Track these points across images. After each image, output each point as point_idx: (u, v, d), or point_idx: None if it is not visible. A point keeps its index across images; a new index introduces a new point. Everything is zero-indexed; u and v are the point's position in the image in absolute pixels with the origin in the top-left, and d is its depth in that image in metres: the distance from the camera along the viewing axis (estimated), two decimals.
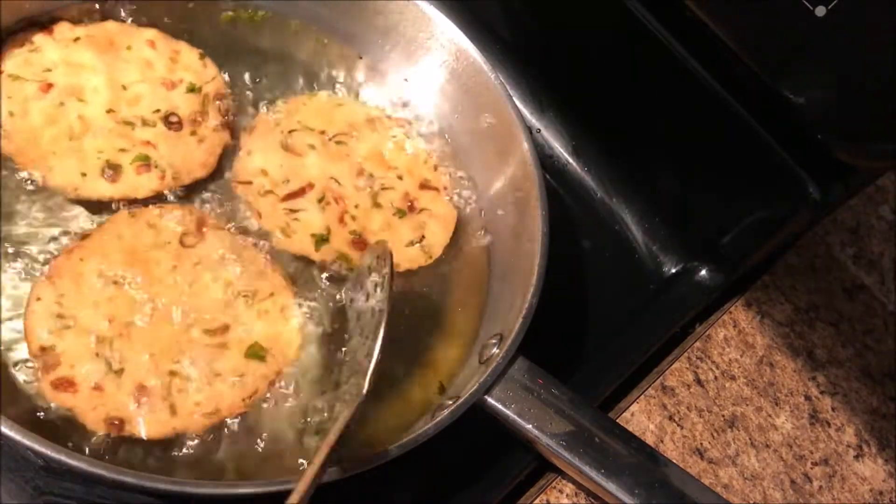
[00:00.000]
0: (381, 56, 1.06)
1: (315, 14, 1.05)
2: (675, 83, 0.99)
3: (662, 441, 0.93)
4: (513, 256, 0.94)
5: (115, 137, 0.90)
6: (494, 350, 0.86)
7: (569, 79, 1.13)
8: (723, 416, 0.97)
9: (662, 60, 0.98)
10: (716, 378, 0.99)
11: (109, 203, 0.88)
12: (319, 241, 0.91)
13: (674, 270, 1.08)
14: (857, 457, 0.99)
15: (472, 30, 1.03)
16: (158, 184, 0.89)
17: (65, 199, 0.87)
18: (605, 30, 1.06)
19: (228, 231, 0.89)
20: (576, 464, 0.81)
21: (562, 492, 0.87)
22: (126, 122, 0.92)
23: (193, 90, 0.95)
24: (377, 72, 1.06)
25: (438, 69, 1.04)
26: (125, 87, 0.94)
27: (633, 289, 1.07)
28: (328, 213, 0.93)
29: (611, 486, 0.80)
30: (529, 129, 0.99)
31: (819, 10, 0.78)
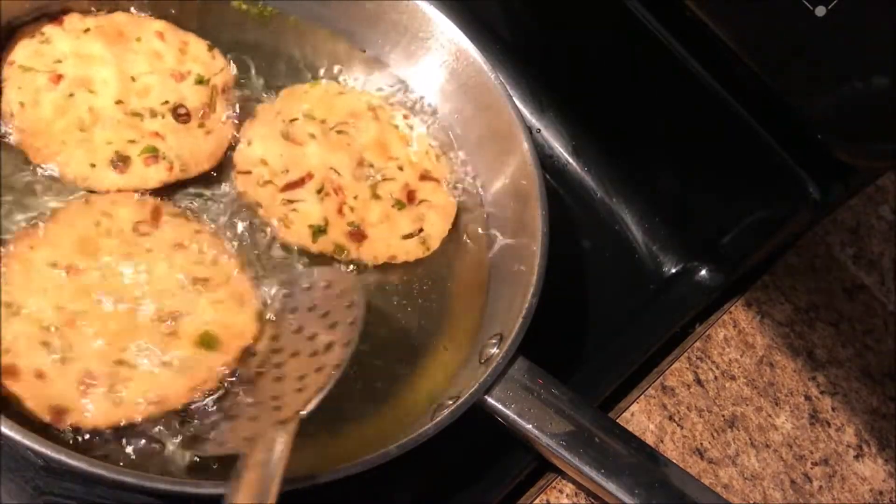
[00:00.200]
0: (382, 56, 1.06)
1: (316, 14, 1.05)
2: (675, 83, 0.99)
3: (662, 441, 0.93)
4: (513, 256, 0.94)
5: (125, 128, 0.90)
6: (494, 350, 0.86)
7: (569, 79, 1.13)
8: (723, 416, 0.97)
9: (662, 60, 0.98)
10: (716, 378, 0.99)
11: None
12: (317, 233, 0.91)
13: (674, 270, 1.08)
14: (857, 457, 0.99)
15: (472, 30, 1.03)
16: (167, 175, 0.89)
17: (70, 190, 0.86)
18: (605, 30, 1.06)
19: (186, 218, 0.88)
20: (576, 464, 0.81)
21: (562, 492, 0.87)
22: (135, 114, 0.92)
23: (202, 82, 0.95)
24: (377, 71, 1.06)
25: (438, 69, 1.04)
26: (134, 79, 0.93)
27: (633, 289, 1.07)
28: (327, 204, 0.93)
29: (611, 486, 0.80)
30: (529, 129, 0.99)
31: (819, 10, 0.78)
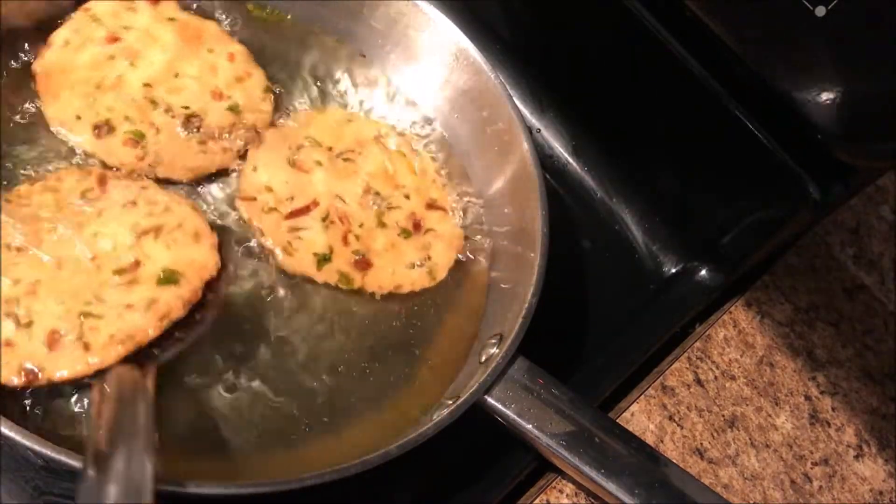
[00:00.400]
0: (382, 56, 1.06)
1: (316, 13, 1.05)
2: (675, 83, 0.99)
3: (662, 441, 0.93)
4: (513, 256, 0.94)
5: (133, 107, 0.91)
6: (494, 350, 0.86)
7: (569, 79, 1.13)
8: (723, 416, 0.97)
9: (662, 60, 0.98)
10: (716, 378, 0.99)
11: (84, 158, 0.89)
12: (321, 261, 0.90)
13: (674, 270, 1.08)
14: (857, 457, 1.00)
15: (472, 30, 1.03)
16: (134, 161, 0.89)
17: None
18: (605, 30, 1.06)
19: (133, 178, 0.88)
20: (576, 464, 0.81)
21: (562, 492, 0.87)
22: (152, 101, 0.92)
23: (233, 110, 0.94)
24: (377, 72, 1.06)
25: (438, 69, 1.04)
26: (177, 76, 0.94)
27: (633, 289, 1.07)
28: (332, 232, 0.92)
29: (611, 486, 0.80)
30: (529, 129, 0.99)
31: (819, 10, 0.78)
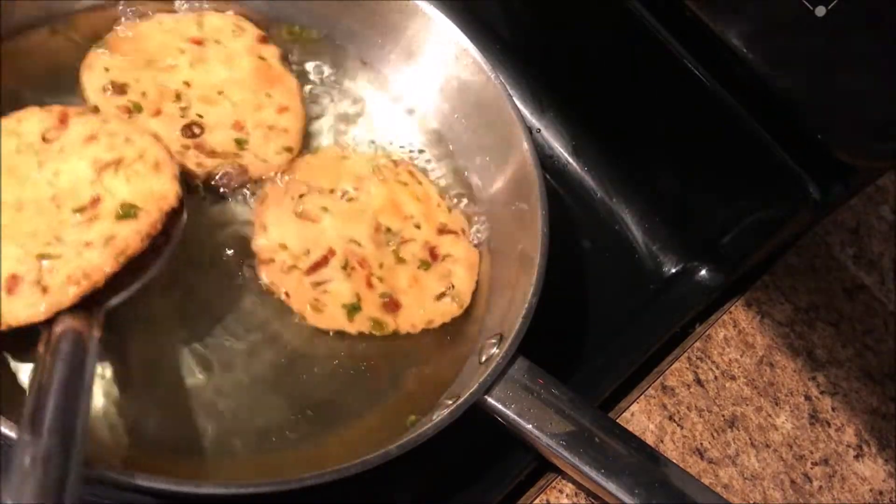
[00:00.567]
0: (381, 56, 1.06)
1: (315, 14, 1.05)
2: (675, 83, 0.99)
3: (662, 441, 0.93)
4: (513, 256, 0.94)
5: (155, 90, 0.93)
6: (494, 350, 0.86)
7: (569, 79, 1.13)
8: (723, 416, 0.97)
9: (662, 60, 0.98)
10: (716, 378, 0.99)
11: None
12: (352, 311, 0.88)
13: (674, 270, 1.08)
14: (857, 457, 1.00)
15: (472, 30, 1.03)
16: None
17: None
18: (605, 30, 1.06)
19: (94, 113, 0.88)
20: (576, 464, 0.81)
21: (562, 492, 0.87)
22: (178, 95, 0.93)
23: (239, 144, 0.93)
24: (377, 73, 1.06)
25: (438, 69, 1.04)
26: (220, 93, 0.95)
27: (633, 289, 1.07)
28: (355, 279, 0.90)
29: (611, 486, 0.80)
30: (529, 129, 0.99)
31: (819, 10, 0.78)
